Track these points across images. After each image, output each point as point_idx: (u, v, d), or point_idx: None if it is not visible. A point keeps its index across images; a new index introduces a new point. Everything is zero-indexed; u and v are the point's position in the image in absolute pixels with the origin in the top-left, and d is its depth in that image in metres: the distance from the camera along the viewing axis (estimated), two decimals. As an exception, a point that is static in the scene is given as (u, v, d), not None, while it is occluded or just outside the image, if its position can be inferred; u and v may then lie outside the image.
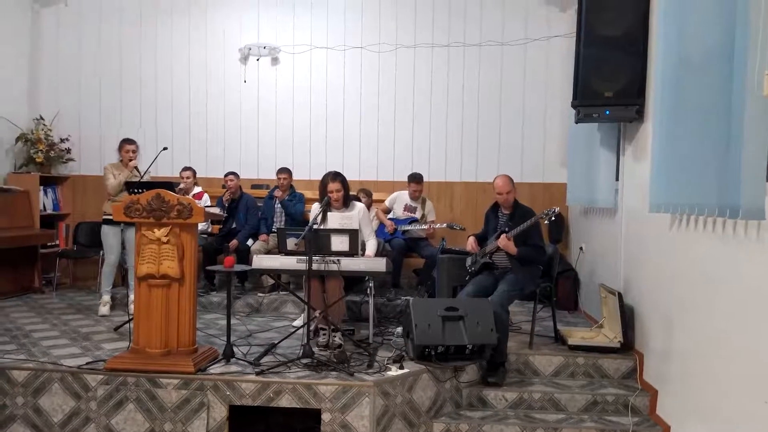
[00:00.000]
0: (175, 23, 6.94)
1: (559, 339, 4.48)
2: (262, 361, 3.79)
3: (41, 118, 6.80)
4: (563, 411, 3.86)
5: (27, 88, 6.86)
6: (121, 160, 5.21)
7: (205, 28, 6.93)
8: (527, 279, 4.20)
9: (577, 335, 4.43)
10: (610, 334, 4.35)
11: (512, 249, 4.07)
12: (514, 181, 4.37)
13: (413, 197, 5.90)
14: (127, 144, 5.20)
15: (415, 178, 5.85)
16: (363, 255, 4.35)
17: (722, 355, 2.91)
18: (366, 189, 6.03)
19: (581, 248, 5.71)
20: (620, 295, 4.20)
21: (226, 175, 6.03)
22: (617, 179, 4.73)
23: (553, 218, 4.01)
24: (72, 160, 6.95)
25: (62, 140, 6.84)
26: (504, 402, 3.90)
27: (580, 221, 6.04)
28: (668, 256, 3.62)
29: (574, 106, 4.52)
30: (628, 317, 4.20)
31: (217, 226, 6.19)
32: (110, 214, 5.08)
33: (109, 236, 5.16)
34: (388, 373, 3.63)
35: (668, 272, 3.61)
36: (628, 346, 4.17)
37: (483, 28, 6.64)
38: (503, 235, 4.09)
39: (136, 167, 5.16)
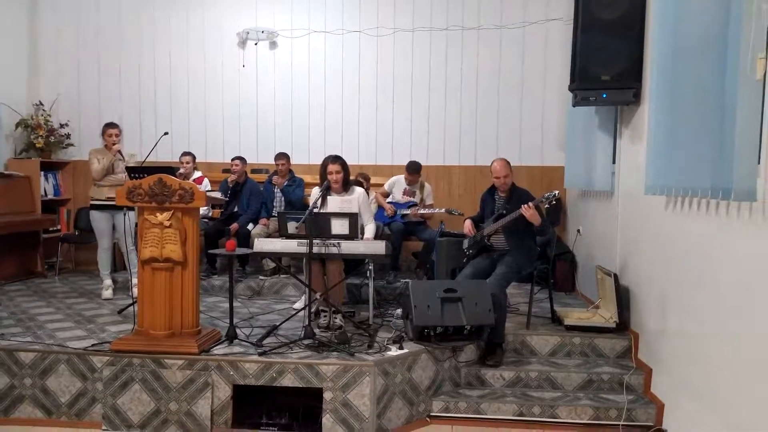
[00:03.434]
0: (173, 7, 6.93)
1: (555, 320, 4.55)
2: (265, 342, 3.86)
3: (41, 103, 6.81)
4: (559, 389, 3.95)
5: (26, 74, 6.86)
6: (105, 145, 5.22)
7: (203, 12, 6.91)
8: (524, 261, 4.26)
9: (574, 316, 4.51)
10: (606, 315, 4.42)
11: (537, 219, 4.06)
12: (512, 164, 4.41)
13: (409, 184, 5.94)
14: (109, 128, 5.19)
15: (412, 169, 5.86)
16: (362, 239, 4.40)
17: (716, 334, 2.98)
18: (363, 173, 6.07)
19: (578, 231, 5.77)
20: (616, 276, 4.27)
21: (232, 160, 6.06)
22: (614, 162, 4.78)
23: (554, 202, 4.06)
24: (72, 145, 6.97)
25: (62, 125, 6.86)
26: (501, 381, 3.99)
27: (577, 204, 6.10)
28: (663, 238, 3.68)
29: (571, 89, 4.55)
30: (623, 298, 4.27)
31: (218, 211, 6.24)
32: (97, 200, 5.14)
33: (99, 221, 5.20)
34: (388, 353, 3.70)
35: (663, 253, 3.68)
36: (623, 326, 4.25)
37: (481, 11, 6.64)
38: (526, 205, 4.04)
39: (119, 151, 5.17)
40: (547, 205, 4.07)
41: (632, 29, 4.21)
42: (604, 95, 4.35)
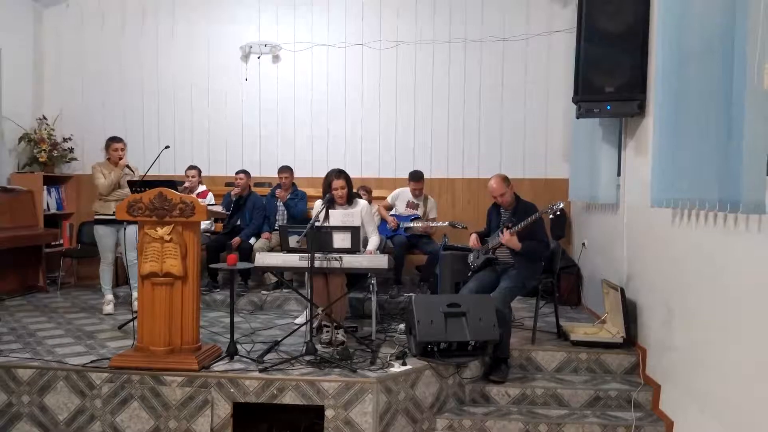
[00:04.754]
0: (177, 22, 6.96)
1: (561, 335, 4.48)
2: (266, 358, 3.80)
3: (44, 117, 6.83)
4: (566, 406, 3.87)
5: (30, 89, 6.88)
6: (109, 159, 5.19)
7: (206, 26, 6.94)
8: (529, 275, 4.20)
9: (580, 331, 4.44)
10: (612, 330, 4.35)
11: (515, 244, 4.06)
12: (516, 177, 4.36)
13: (415, 195, 5.90)
14: (114, 142, 5.17)
15: (414, 177, 5.84)
16: (365, 251, 4.36)
17: (725, 349, 2.91)
18: (366, 186, 6.03)
19: (584, 244, 5.71)
20: (623, 291, 4.20)
21: (236, 173, 6.04)
22: (619, 174, 4.73)
23: (558, 213, 3.99)
24: (75, 159, 6.98)
25: (65, 140, 6.87)
26: (507, 398, 3.91)
27: (582, 217, 6.04)
28: (670, 251, 3.62)
29: (575, 101, 4.51)
30: (630, 312, 4.20)
31: (221, 225, 6.21)
32: (102, 214, 5.11)
33: (104, 236, 5.16)
34: (391, 369, 3.64)
35: (670, 267, 3.61)
36: (630, 341, 4.18)
37: (484, 24, 6.64)
38: (506, 231, 4.08)
39: (127, 165, 5.16)
40: (551, 216, 4.02)
41: (636, 40, 4.18)
42: (609, 107, 4.31)
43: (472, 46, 6.67)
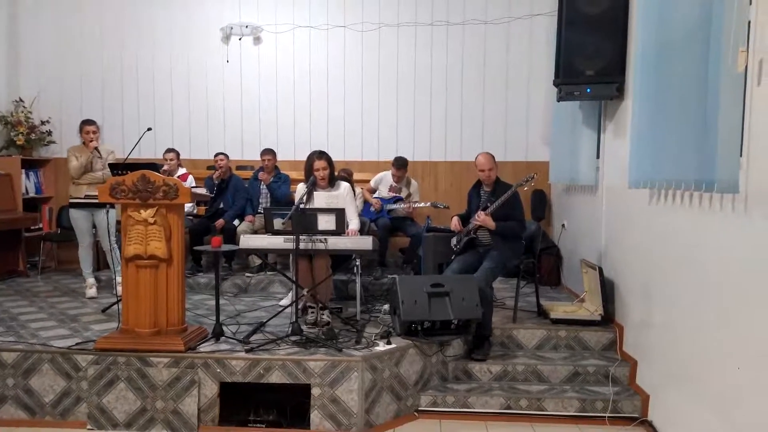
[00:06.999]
0: (156, 2, 6.84)
1: (541, 313, 4.58)
2: (252, 339, 3.84)
3: (21, 100, 6.70)
4: (546, 382, 3.97)
5: (5, 71, 6.74)
6: (84, 142, 5.15)
7: (187, 7, 6.84)
8: (509, 255, 4.28)
9: (559, 309, 4.54)
10: (591, 308, 4.46)
11: (490, 224, 4.15)
12: (498, 159, 4.43)
13: (395, 181, 5.93)
14: (86, 125, 5.12)
15: (397, 163, 5.86)
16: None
17: (699, 326, 3.01)
18: (347, 169, 6.05)
19: (563, 225, 5.81)
20: (600, 270, 4.30)
21: (216, 155, 6.01)
22: (598, 157, 4.81)
23: (532, 183, 4.16)
24: (53, 142, 6.87)
25: (43, 122, 6.76)
26: (489, 374, 4.01)
27: (562, 199, 6.14)
28: (647, 231, 3.72)
29: (556, 84, 4.57)
30: (608, 291, 4.31)
31: (203, 208, 6.19)
32: (76, 198, 5.08)
33: (78, 220, 5.14)
34: (376, 348, 3.70)
35: (647, 246, 3.71)
36: (608, 319, 4.29)
37: (466, 6, 6.64)
38: (480, 211, 4.16)
39: (96, 148, 5.10)
40: (526, 188, 4.18)
41: (616, 24, 4.24)
42: (588, 90, 4.38)
43: (454, 28, 6.67)
